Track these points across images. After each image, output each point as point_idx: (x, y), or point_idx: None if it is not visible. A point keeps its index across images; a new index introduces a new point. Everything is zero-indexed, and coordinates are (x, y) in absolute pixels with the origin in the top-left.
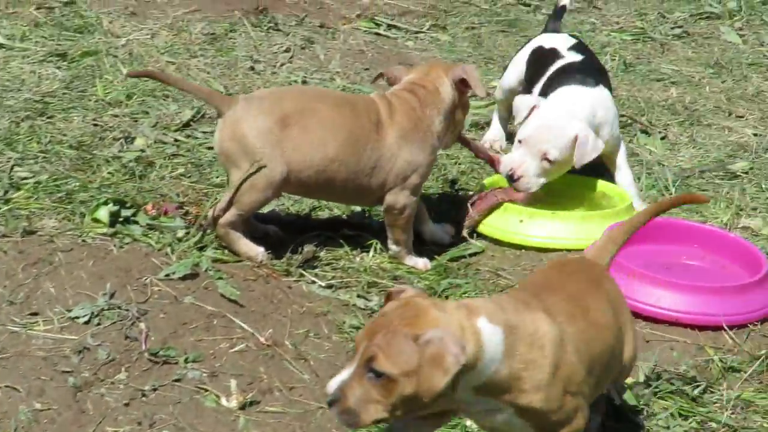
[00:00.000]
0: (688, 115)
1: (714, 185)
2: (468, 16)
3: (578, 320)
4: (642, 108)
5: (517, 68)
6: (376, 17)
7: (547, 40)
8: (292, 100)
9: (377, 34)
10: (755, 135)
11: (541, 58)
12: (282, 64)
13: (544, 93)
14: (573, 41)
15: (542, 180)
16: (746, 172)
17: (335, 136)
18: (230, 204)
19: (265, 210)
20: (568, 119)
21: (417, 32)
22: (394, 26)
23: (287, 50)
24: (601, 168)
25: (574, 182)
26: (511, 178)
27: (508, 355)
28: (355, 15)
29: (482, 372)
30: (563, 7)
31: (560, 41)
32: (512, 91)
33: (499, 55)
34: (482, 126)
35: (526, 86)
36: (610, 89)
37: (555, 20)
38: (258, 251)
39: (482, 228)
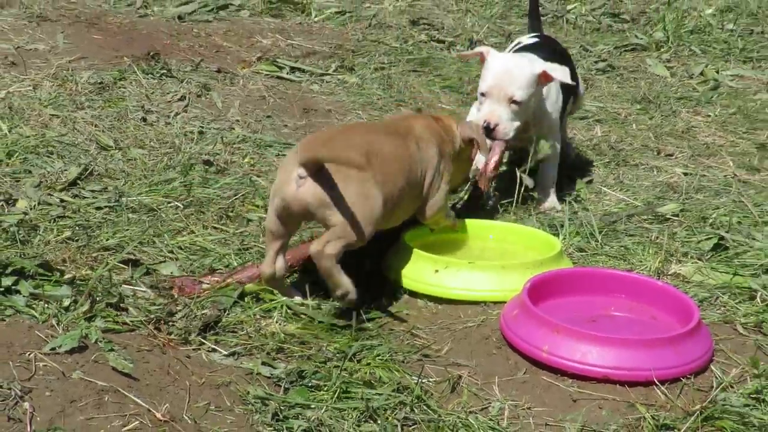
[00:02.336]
0: (614, 155)
1: (642, 230)
2: (377, 55)
3: None
4: (565, 153)
5: None
6: (278, 59)
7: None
8: (357, 136)
9: (279, 77)
10: (685, 174)
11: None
12: (177, 114)
13: None
14: (537, 34)
15: (516, 123)
16: (676, 215)
17: (401, 164)
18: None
19: (167, 271)
20: (526, 62)
21: (323, 74)
22: (298, 69)
23: (182, 98)
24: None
25: (496, 229)
26: (488, 130)
27: None
28: (256, 58)
29: None
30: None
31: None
32: None
33: (411, 97)
34: None
35: None
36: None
37: (533, 19)
38: (354, 290)
39: (394, 277)
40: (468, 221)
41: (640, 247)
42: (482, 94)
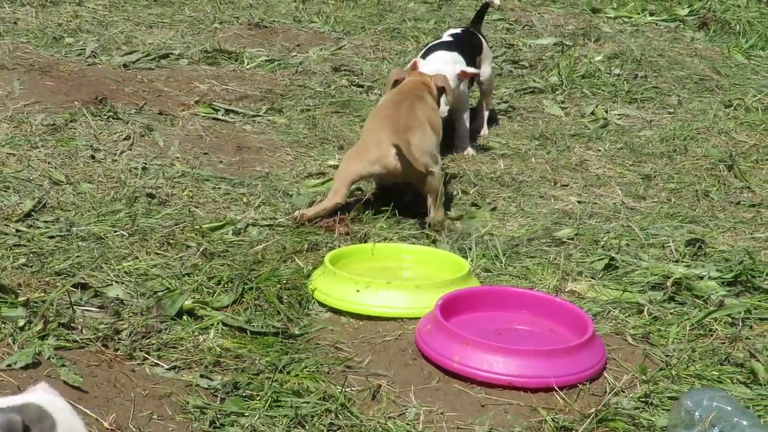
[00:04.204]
0: (516, 186)
1: (542, 252)
2: (303, 98)
3: None
4: (472, 181)
5: None
6: (214, 103)
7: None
8: (414, 112)
9: (215, 119)
10: (579, 202)
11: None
12: (122, 152)
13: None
14: (458, 29)
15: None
16: (571, 239)
17: (437, 119)
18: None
19: (113, 293)
20: (444, 65)
21: (254, 116)
22: (232, 111)
23: (127, 138)
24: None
25: (411, 252)
26: None
27: None
28: (194, 101)
29: None
30: (485, 5)
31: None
32: None
33: (334, 135)
34: None
35: None
36: (468, 58)
37: (475, 21)
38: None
39: (319, 296)
40: (385, 245)
41: (539, 267)
42: None
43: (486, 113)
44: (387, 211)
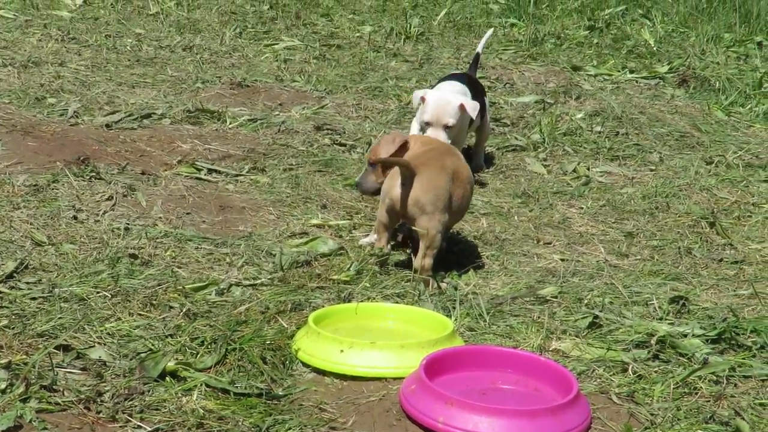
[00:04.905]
0: (499, 245)
1: (525, 310)
2: (286, 158)
3: None
4: (456, 240)
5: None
6: (196, 162)
7: None
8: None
9: (198, 178)
10: (562, 260)
11: None
12: (105, 212)
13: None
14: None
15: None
16: (555, 297)
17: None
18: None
19: (95, 355)
20: (449, 95)
21: (237, 175)
22: (215, 170)
23: (109, 198)
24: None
25: (395, 312)
26: None
27: None
28: (176, 161)
29: None
30: (477, 54)
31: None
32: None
33: (317, 194)
34: None
35: None
36: (472, 90)
37: (471, 68)
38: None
39: (303, 357)
40: (369, 305)
41: (523, 326)
42: (427, 123)
43: (482, 155)
44: (371, 270)
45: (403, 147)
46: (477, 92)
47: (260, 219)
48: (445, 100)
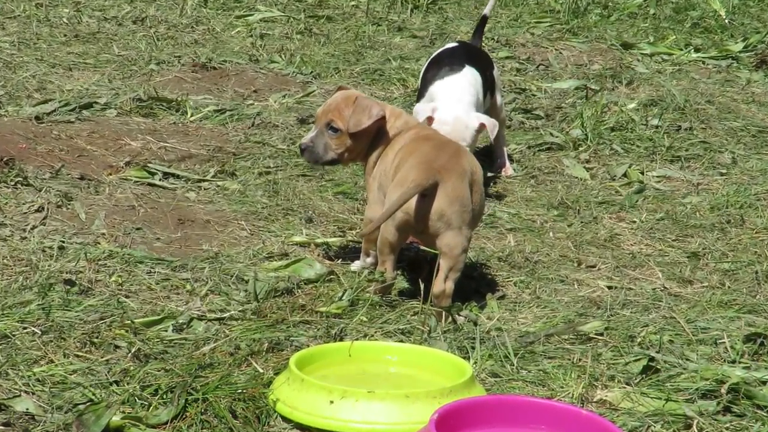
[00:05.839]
0: (530, 268)
1: (563, 351)
2: (261, 158)
3: None
4: (474, 263)
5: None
6: (149, 164)
7: None
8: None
9: (151, 184)
10: (609, 288)
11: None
12: (33, 227)
13: (423, 80)
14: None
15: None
16: (600, 334)
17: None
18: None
19: (21, 407)
20: (465, 114)
21: (200, 180)
22: (172, 174)
23: (40, 209)
24: None
25: (397, 352)
26: None
27: None
28: (124, 163)
29: None
30: (484, 17)
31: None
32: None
33: (300, 205)
34: None
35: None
36: (480, 68)
37: (476, 35)
38: None
39: (283, 409)
40: (366, 344)
41: (561, 370)
42: None
43: (505, 149)
44: (368, 300)
45: (379, 123)
46: (484, 65)
47: (229, 236)
48: (463, 123)
